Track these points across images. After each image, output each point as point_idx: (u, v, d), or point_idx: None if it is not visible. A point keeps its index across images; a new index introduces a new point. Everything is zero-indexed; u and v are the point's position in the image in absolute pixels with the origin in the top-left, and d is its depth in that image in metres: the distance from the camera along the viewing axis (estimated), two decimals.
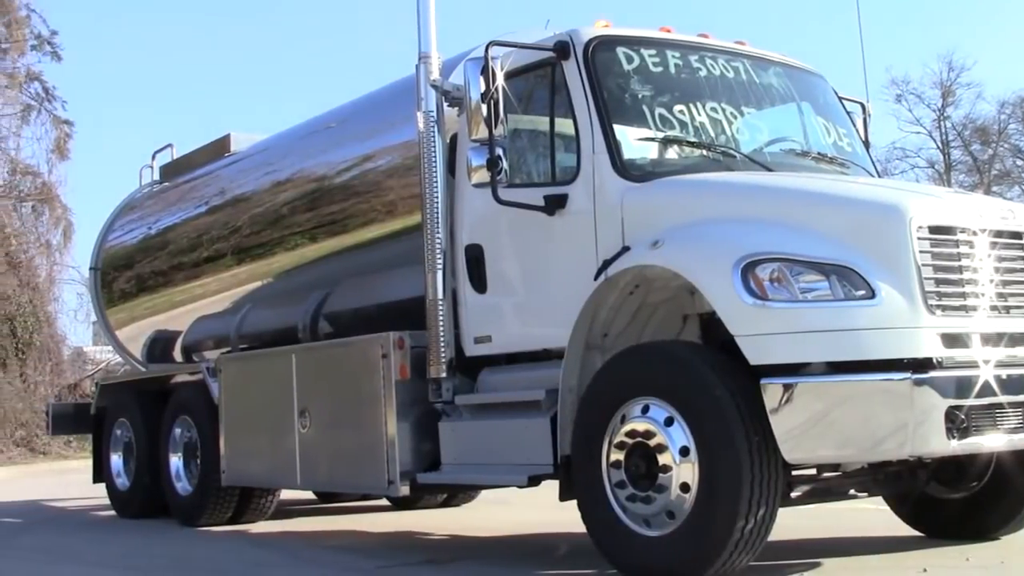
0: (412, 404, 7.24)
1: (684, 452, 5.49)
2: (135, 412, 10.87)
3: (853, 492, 6.28)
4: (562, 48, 6.61)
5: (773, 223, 5.66)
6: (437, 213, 7.06)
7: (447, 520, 9.96)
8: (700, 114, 6.65)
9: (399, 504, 10.78)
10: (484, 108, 6.34)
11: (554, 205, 6.48)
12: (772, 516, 5.42)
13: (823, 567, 6.22)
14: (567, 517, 6.58)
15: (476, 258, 6.99)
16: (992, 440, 5.34)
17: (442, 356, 7.06)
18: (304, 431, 8.20)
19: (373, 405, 7.36)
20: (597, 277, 6.11)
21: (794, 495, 5.77)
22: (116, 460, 11.23)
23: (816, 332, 5.20)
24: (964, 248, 5.48)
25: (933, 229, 5.41)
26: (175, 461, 10.14)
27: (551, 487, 6.38)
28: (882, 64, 40.53)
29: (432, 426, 7.19)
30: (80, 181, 56.95)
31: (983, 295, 5.47)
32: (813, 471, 5.97)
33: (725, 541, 5.31)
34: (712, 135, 6.67)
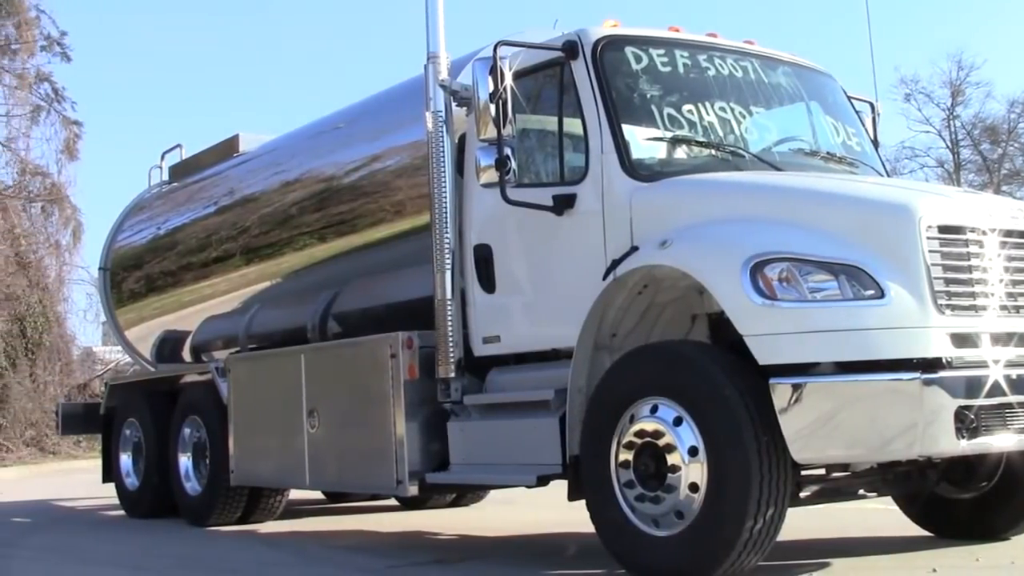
0: (421, 404, 7.25)
1: (693, 452, 5.49)
2: (144, 412, 10.90)
3: (862, 492, 6.26)
4: (571, 48, 6.61)
5: (782, 223, 5.65)
6: (446, 213, 7.07)
7: (456, 520, 9.97)
8: (709, 114, 6.65)
9: (408, 504, 10.79)
10: (493, 108, 6.34)
11: (563, 205, 6.48)
12: (781, 516, 5.41)
13: (832, 567, 6.21)
14: (576, 517, 6.57)
15: (485, 258, 6.99)
16: (1002, 440, 5.32)
17: (451, 356, 7.07)
18: (313, 431, 8.21)
19: (382, 405, 7.37)
20: (606, 277, 6.12)
21: (803, 495, 5.75)
22: (125, 460, 11.27)
23: (825, 332, 5.19)
24: (974, 248, 5.46)
25: (942, 229, 5.40)
26: (184, 461, 10.16)
27: (560, 487, 6.38)
28: (891, 63, 40.55)
29: (441, 426, 7.19)
30: (89, 182, 57.26)
31: (993, 295, 5.45)
32: (822, 471, 5.95)
33: (734, 541, 5.31)
34: (721, 135, 6.66)
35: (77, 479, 16.92)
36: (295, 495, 10.62)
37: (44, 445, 23.83)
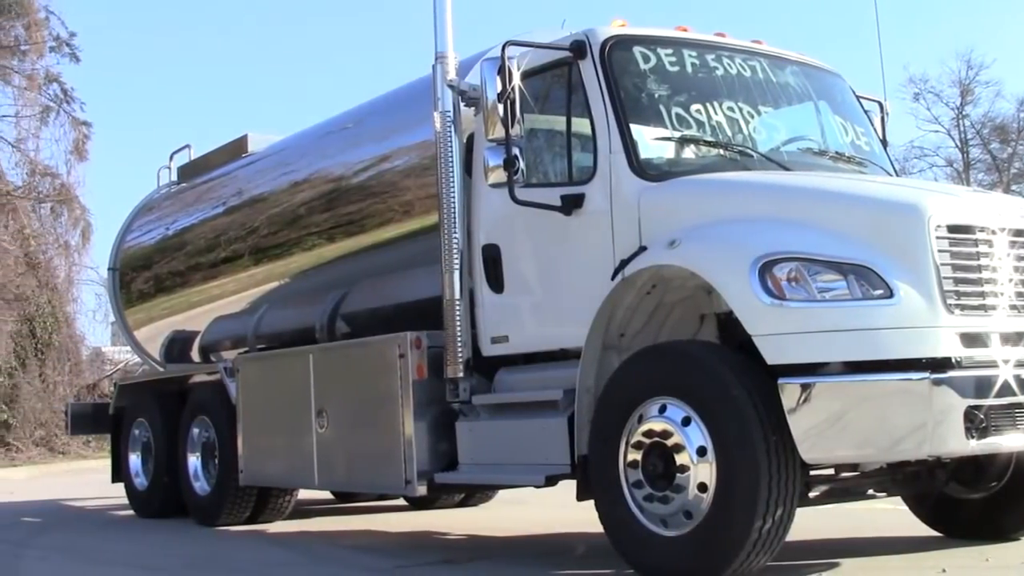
0: (429, 404, 7.26)
1: (701, 452, 5.48)
2: (153, 412, 10.92)
3: (871, 492, 6.26)
4: (579, 48, 6.61)
5: (790, 222, 5.64)
6: (454, 213, 7.07)
7: (464, 520, 9.97)
8: (717, 113, 6.64)
9: (416, 504, 10.80)
10: (501, 108, 6.34)
11: (571, 205, 6.47)
12: (790, 516, 5.40)
13: (841, 567, 6.20)
14: (584, 517, 6.58)
15: (493, 258, 6.99)
16: (1012, 440, 5.30)
17: (459, 356, 7.07)
18: (322, 431, 8.22)
19: (391, 405, 7.38)
20: (614, 277, 6.11)
21: (812, 495, 5.75)
22: (135, 460, 11.29)
23: (834, 332, 5.19)
24: (983, 247, 5.45)
25: (952, 228, 5.39)
26: (193, 461, 10.18)
27: (568, 487, 6.38)
28: (900, 62, 40.29)
29: (449, 426, 7.20)
30: (98, 182, 57.30)
31: (1002, 294, 5.44)
32: (831, 471, 5.95)
33: (743, 541, 5.30)
34: (729, 134, 6.66)
35: (86, 479, 16.97)
36: (304, 495, 10.64)
37: (54, 445, 23.91)
